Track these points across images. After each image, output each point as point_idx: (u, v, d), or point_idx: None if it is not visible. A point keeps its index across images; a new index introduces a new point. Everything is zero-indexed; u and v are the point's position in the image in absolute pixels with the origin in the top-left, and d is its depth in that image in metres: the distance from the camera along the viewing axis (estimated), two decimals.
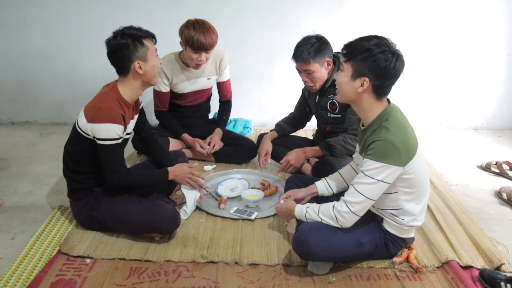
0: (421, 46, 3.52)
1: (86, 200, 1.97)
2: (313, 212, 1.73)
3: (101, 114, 1.79)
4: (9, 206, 2.29)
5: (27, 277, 1.72)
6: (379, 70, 1.57)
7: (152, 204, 1.95)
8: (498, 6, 3.42)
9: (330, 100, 2.45)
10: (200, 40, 2.49)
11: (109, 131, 1.80)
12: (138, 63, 1.84)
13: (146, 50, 1.85)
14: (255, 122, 3.69)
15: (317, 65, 2.30)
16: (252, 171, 2.74)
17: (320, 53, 2.27)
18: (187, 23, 2.54)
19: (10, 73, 3.55)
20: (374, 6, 3.40)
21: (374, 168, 1.57)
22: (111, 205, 1.94)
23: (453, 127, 3.77)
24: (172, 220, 1.93)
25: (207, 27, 2.52)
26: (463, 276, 1.73)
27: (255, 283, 1.72)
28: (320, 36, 2.32)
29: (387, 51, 1.56)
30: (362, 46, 1.58)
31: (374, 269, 1.81)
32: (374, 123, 1.64)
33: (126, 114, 1.89)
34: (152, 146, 2.24)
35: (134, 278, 1.73)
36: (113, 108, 1.81)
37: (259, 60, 3.54)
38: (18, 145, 3.20)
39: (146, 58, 1.86)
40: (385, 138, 1.56)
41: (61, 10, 3.38)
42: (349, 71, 1.62)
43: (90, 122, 1.81)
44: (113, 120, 1.80)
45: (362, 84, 1.60)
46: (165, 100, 2.81)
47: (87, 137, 1.85)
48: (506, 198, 2.45)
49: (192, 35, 2.48)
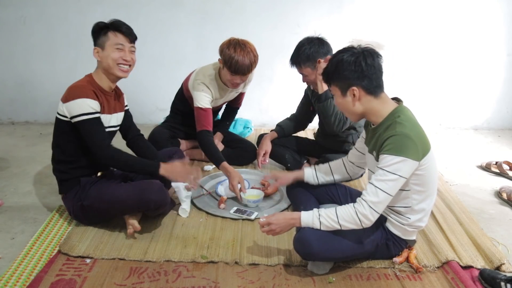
0: (421, 46, 3.52)
1: (74, 191, 2.01)
2: (330, 220, 1.63)
3: (72, 92, 1.90)
4: (9, 206, 2.29)
5: (27, 277, 1.72)
6: (356, 73, 1.61)
7: (139, 182, 2.00)
8: (498, 6, 3.42)
9: None
10: (240, 64, 2.39)
11: (82, 105, 1.88)
12: (96, 49, 1.98)
13: (106, 39, 1.96)
14: (255, 122, 3.70)
15: (308, 69, 2.36)
16: (252, 171, 2.74)
17: (309, 57, 2.32)
18: (230, 42, 2.45)
19: (10, 73, 3.55)
20: (374, 6, 3.41)
21: (395, 163, 1.55)
22: (99, 190, 1.97)
23: (453, 127, 3.77)
24: (160, 192, 1.93)
25: (248, 49, 2.42)
26: (463, 276, 1.73)
27: (255, 283, 1.72)
28: (312, 39, 2.34)
29: (354, 53, 1.62)
30: (332, 64, 1.66)
31: (374, 269, 1.81)
32: (387, 120, 1.65)
33: (100, 96, 1.97)
34: (139, 146, 2.25)
35: (134, 278, 1.73)
36: (83, 86, 1.92)
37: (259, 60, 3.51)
38: (18, 145, 3.20)
39: (103, 47, 1.96)
40: (402, 132, 1.56)
41: (61, 10, 3.38)
42: (337, 92, 1.68)
43: (64, 102, 1.91)
44: (85, 95, 1.89)
45: (353, 94, 1.63)
46: (209, 118, 2.58)
47: (65, 120, 1.93)
48: (506, 198, 2.45)
49: (232, 56, 2.39)
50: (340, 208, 1.64)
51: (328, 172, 2.03)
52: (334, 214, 1.63)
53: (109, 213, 2.01)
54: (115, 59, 1.97)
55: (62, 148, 2.01)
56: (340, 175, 2.03)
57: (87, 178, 2.03)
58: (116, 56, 1.97)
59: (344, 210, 1.63)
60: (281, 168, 2.83)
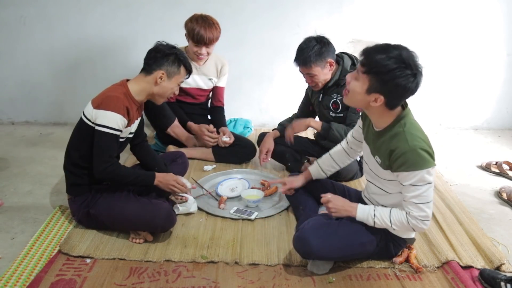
0: (421, 46, 3.51)
1: (84, 197, 1.98)
2: (383, 219, 1.67)
3: (107, 102, 1.85)
4: (9, 206, 2.29)
5: (27, 277, 1.72)
6: (397, 91, 1.53)
7: (149, 202, 1.96)
8: (498, 6, 3.42)
9: (333, 99, 2.46)
10: (201, 34, 2.59)
11: (110, 119, 1.84)
12: (163, 73, 1.94)
13: (176, 72, 1.98)
14: (255, 122, 3.69)
15: (318, 68, 2.33)
16: (252, 171, 2.74)
17: (320, 56, 2.30)
18: (192, 16, 2.66)
19: (10, 73, 3.55)
20: (374, 6, 3.41)
21: (421, 176, 1.55)
22: (108, 203, 1.95)
23: (453, 127, 3.77)
24: (168, 218, 1.94)
25: (210, 22, 2.62)
26: (463, 276, 1.73)
27: (255, 283, 1.72)
28: (320, 38, 2.32)
29: (409, 74, 1.50)
30: (384, 66, 1.49)
31: (374, 269, 1.81)
32: (392, 128, 1.62)
33: (132, 110, 1.93)
34: (142, 152, 2.24)
35: (134, 278, 1.73)
36: (119, 98, 1.87)
37: (259, 60, 3.54)
38: (18, 145, 3.20)
39: (171, 77, 1.97)
40: (415, 147, 1.54)
41: (61, 10, 3.37)
42: (364, 84, 1.56)
43: (95, 108, 1.87)
44: (118, 109, 1.85)
45: (376, 100, 1.57)
46: None
47: (91, 125, 1.88)
48: (506, 198, 2.45)
49: (194, 28, 2.60)
50: (394, 214, 1.65)
51: (331, 163, 2.06)
52: (387, 213, 1.66)
53: (114, 226, 2.00)
54: (172, 92, 2.02)
55: (82, 153, 1.93)
56: (343, 162, 2.07)
57: (98, 186, 2.00)
58: (175, 89, 2.03)
59: (398, 217, 1.64)
60: (281, 167, 2.83)
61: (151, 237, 1.96)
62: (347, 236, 1.70)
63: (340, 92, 2.41)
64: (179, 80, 2.01)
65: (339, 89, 2.42)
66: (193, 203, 2.15)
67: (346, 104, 2.33)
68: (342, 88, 2.34)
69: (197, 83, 2.87)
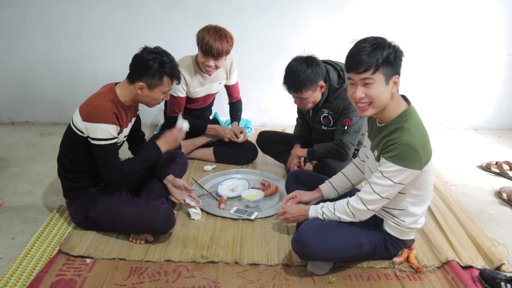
0: (421, 46, 3.52)
1: (81, 200, 1.98)
2: (328, 211, 1.75)
3: (95, 113, 1.81)
4: (9, 206, 2.29)
5: (27, 277, 1.72)
6: (400, 60, 1.58)
7: (147, 205, 1.96)
8: (498, 6, 3.42)
9: (323, 114, 2.39)
10: (210, 44, 2.46)
11: (103, 131, 1.82)
12: (142, 85, 1.88)
13: (158, 83, 1.89)
14: (255, 122, 3.69)
15: (310, 92, 2.24)
16: (252, 171, 2.74)
17: (312, 80, 2.20)
18: (205, 26, 2.54)
19: (10, 73, 3.55)
20: (374, 6, 3.40)
21: (394, 171, 1.55)
22: (106, 205, 1.94)
23: (453, 127, 3.77)
24: (166, 221, 1.94)
25: (222, 34, 2.50)
26: (463, 276, 1.73)
27: (255, 283, 1.72)
28: (311, 60, 2.22)
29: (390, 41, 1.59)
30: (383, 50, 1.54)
31: (374, 269, 1.81)
32: (394, 122, 1.62)
33: (121, 115, 1.91)
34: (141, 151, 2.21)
35: (134, 278, 1.73)
36: (107, 107, 1.83)
37: (260, 60, 3.54)
38: (18, 145, 3.20)
39: (153, 88, 1.90)
40: (407, 142, 1.53)
41: (61, 10, 3.37)
42: (381, 79, 1.56)
43: (84, 121, 1.83)
44: (107, 120, 1.82)
45: (395, 82, 1.59)
46: (181, 105, 2.74)
47: (81, 135, 1.87)
48: (506, 198, 2.45)
49: (204, 37, 2.48)
50: (338, 202, 1.75)
51: (344, 180, 1.98)
52: (332, 206, 1.75)
53: (113, 228, 2.00)
54: (157, 101, 1.97)
55: (72, 160, 1.94)
56: (355, 178, 1.98)
57: (95, 188, 1.99)
58: (160, 99, 1.96)
59: (340, 204, 1.73)
60: (280, 167, 2.83)
61: (152, 237, 1.96)
62: (345, 237, 1.70)
63: (330, 107, 2.34)
64: (164, 90, 1.93)
65: (329, 104, 2.34)
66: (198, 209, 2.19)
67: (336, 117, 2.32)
68: (331, 104, 2.32)
69: (207, 91, 2.82)
